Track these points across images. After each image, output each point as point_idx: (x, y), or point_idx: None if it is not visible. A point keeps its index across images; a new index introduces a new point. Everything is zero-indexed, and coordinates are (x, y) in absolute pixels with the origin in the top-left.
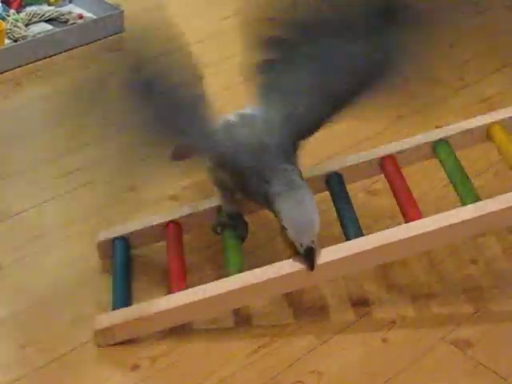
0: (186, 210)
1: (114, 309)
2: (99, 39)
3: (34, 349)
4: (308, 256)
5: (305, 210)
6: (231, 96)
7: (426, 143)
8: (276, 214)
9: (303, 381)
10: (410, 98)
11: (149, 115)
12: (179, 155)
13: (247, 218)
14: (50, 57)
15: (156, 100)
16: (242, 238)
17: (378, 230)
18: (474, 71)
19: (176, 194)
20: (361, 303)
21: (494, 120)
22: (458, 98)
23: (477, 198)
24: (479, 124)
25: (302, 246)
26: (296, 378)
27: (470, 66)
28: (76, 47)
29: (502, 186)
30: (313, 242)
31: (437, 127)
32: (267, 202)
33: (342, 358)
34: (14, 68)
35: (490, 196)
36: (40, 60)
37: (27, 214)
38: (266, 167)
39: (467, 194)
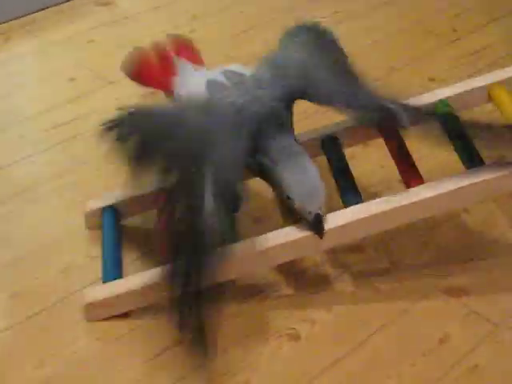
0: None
1: (104, 281)
2: None
3: (22, 299)
4: (317, 223)
5: (309, 177)
6: (220, 49)
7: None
8: (275, 183)
9: (296, 328)
10: (403, 49)
11: None
12: None
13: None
14: (39, 11)
15: None
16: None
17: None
18: (467, 23)
19: None
20: (353, 251)
21: (495, 80)
22: (451, 49)
23: (480, 162)
24: (481, 84)
25: (310, 213)
26: (289, 326)
27: (462, 18)
28: (65, 2)
29: None
30: (320, 208)
31: (430, 79)
32: (262, 171)
33: (334, 307)
34: (3, 22)
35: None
36: (29, 14)
37: (15, 167)
38: (258, 134)
39: (469, 157)
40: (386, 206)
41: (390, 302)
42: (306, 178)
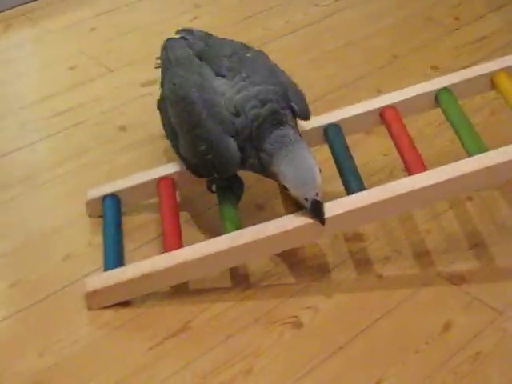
0: (179, 166)
1: (105, 270)
2: None
3: (23, 288)
4: (316, 210)
5: (302, 163)
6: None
7: (428, 92)
8: (275, 176)
9: (298, 315)
10: (405, 37)
11: None
12: None
13: (242, 176)
14: None
15: None
16: (238, 197)
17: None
18: (469, 11)
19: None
20: (355, 239)
21: (499, 68)
22: (453, 38)
23: (483, 149)
24: (484, 72)
25: (307, 200)
26: (291, 313)
27: (464, 6)
28: None
29: (498, 124)
30: (317, 194)
31: (432, 67)
32: (263, 167)
33: (337, 294)
34: (4, 10)
35: (486, 134)
36: (30, 2)
37: (16, 155)
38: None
39: (473, 144)
40: (388, 193)
41: (393, 289)
42: (300, 165)
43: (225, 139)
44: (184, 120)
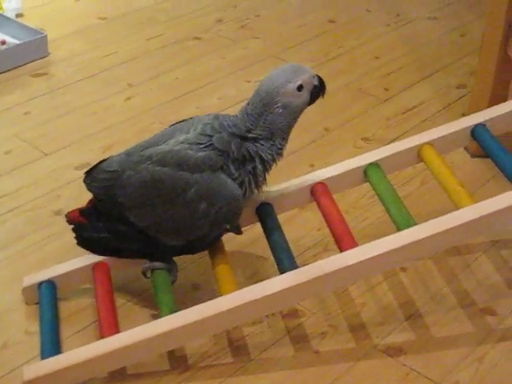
0: None
1: (43, 358)
2: (24, 64)
3: None
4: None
5: None
6: (156, 116)
7: (357, 168)
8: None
9: None
10: (337, 110)
11: None
12: None
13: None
14: None
15: None
16: (173, 280)
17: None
18: (398, 82)
19: None
20: (292, 315)
21: (424, 141)
22: (383, 109)
23: (411, 223)
24: (410, 145)
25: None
26: None
27: (394, 76)
28: (1, 73)
29: (428, 193)
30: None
31: (363, 139)
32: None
33: (274, 373)
34: None
35: (417, 204)
36: None
37: None
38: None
39: (401, 218)
40: (320, 271)
41: (330, 364)
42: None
43: (216, 177)
44: (165, 200)
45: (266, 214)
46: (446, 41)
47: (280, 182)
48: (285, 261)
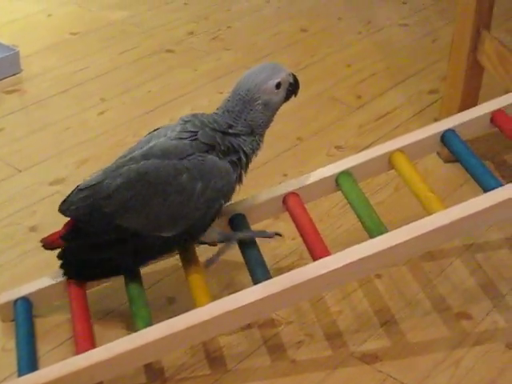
0: None
1: (19, 375)
2: None
3: None
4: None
5: None
6: (130, 129)
7: (328, 176)
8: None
9: None
10: (310, 118)
11: None
12: None
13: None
14: None
15: None
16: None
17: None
18: (371, 89)
19: None
20: (268, 325)
21: (395, 148)
22: (356, 116)
23: (383, 230)
24: (381, 152)
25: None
26: None
27: (366, 84)
28: None
29: (402, 199)
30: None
31: (336, 147)
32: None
33: (251, 382)
34: None
35: (390, 211)
36: None
37: None
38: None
39: (373, 226)
40: (292, 281)
41: (307, 373)
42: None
43: (205, 157)
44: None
45: (238, 225)
46: (418, 47)
47: (253, 193)
48: (258, 271)
